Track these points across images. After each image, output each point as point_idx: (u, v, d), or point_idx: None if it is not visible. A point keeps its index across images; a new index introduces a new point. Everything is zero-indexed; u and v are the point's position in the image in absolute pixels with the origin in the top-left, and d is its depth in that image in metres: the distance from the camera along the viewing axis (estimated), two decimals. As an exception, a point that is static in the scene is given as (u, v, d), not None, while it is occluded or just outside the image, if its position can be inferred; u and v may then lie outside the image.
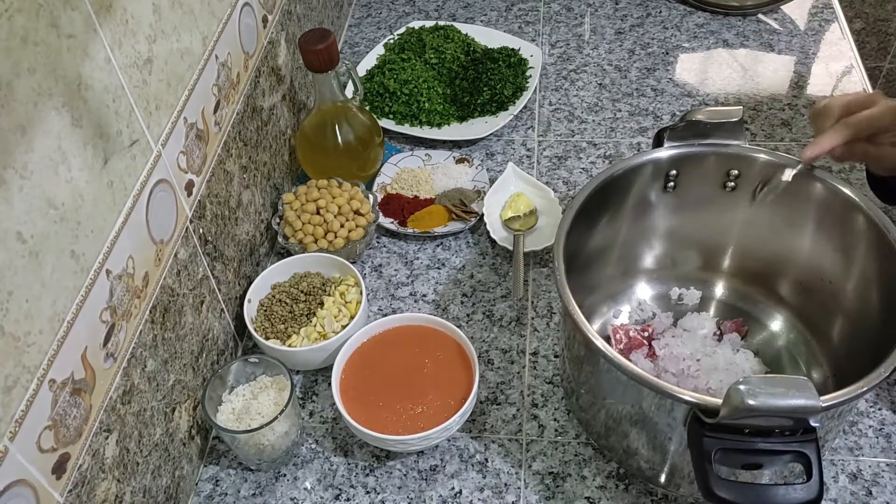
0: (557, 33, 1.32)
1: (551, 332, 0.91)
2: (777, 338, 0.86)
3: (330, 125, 1.01)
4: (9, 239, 0.52)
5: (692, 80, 1.21)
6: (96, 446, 0.62)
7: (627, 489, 0.78)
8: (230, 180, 0.88)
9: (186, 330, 0.78)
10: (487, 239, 1.02)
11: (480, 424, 0.84)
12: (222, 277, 0.87)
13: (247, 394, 0.80)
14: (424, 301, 0.96)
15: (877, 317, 0.73)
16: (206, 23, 0.81)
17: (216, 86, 0.83)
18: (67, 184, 0.58)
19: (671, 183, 0.82)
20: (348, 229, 0.96)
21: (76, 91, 0.59)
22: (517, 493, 0.78)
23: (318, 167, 1.04)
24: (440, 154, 1.11)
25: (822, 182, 0.76)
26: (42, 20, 0.54)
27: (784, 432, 0.60)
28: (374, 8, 1.40)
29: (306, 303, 0.89)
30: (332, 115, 1.01)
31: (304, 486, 0.80)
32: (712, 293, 0.90)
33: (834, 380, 0.79)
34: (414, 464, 0.81)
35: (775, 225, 0.81)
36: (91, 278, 0.61)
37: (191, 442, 0.80)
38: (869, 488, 0.76)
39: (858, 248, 0.75)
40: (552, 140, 1.14)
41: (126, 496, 0.67)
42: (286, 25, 1.06)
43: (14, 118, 0.52)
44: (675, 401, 0.62)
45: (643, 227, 0.85)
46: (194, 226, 0.79)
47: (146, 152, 0.70)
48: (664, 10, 1.34)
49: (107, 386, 0.64)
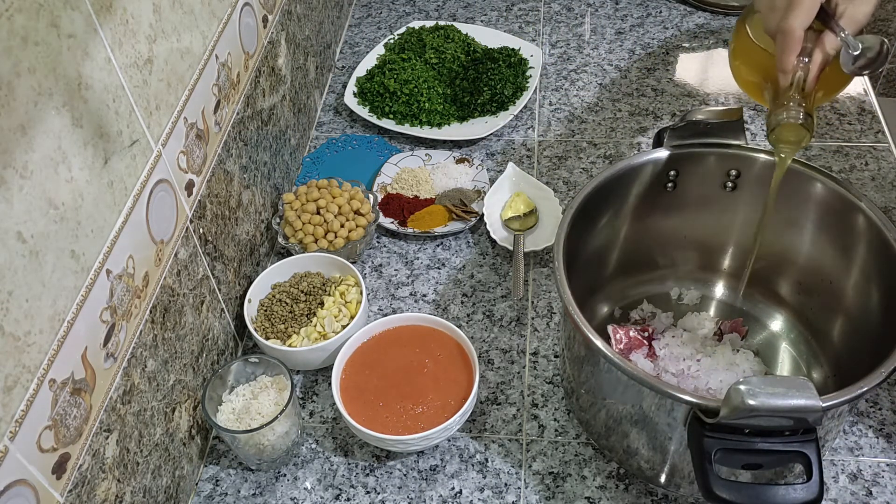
0: (558, 33, 1.32)
1: (551, 332, 0.91)
2: (777, 338, 0.86)
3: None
4: (9, 239, 0.52)
5: (692, 80, 1.21)
6: (96, 446, 0.62)
7: (627, 489, 0.78)
8: (230, 180, 0.88)
9: (186, 330, 0.78)
10: (487, 239, 1.02)
11: (480, 424, 0.84)
12: (222, 277, 0.87)
13: (247, 394, 0.80)
14: (424, 301, 0.96)
15: (877, 317, 0.73)
16: (206, 23, 0.81)
17: (216, 86, 0.83)
18: (67, 183, 0.58)
19: (671, 183, 0.82)
20: (348, 229, 0.96)
21: (76, 91, 0.59)
22: (517, 493, 0.78)
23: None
24: (440, 154, 1.11)
25: (822, 182, 0.76)
26: (42, 20, 0.54)
27: (784, 432, 0.60)
28: (374, 8, 1.40)
29: (306, 303, 0.89)
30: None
31: (305, 486, 0.80)
32: (712, 293, 0.90)
33: (834, 380, 0.79)
34: (414, 464, 0.81)
35: (775, 225, 0.81)
36: (91, 278, 0.61)
37: (191, 442, 0.80)
38: (869, 488, 0.76)
39: (858, 248, 0.75)
40: (552, 140, 1.14)
41: (126, 496, 0.67)
42: (286, 25, 1.06)
43: (14, 118, 0.52)
44: (675, 401, 0.62)
45: (643, 227, 0.85)
46: (194, 226, 0.79)
47: (146, 152, 0.70)
48: (664, 10, 1.34)
49: (107, 386, 0.64)
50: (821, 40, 0.68)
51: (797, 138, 0.70)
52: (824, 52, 0.68)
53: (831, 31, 0.67)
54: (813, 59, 0.68)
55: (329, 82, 1.27)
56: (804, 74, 0.68)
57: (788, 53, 0.68)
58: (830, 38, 0.68)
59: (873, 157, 1.06)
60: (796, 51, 0.68)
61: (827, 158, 1.07)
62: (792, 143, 0.71)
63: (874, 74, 1.96)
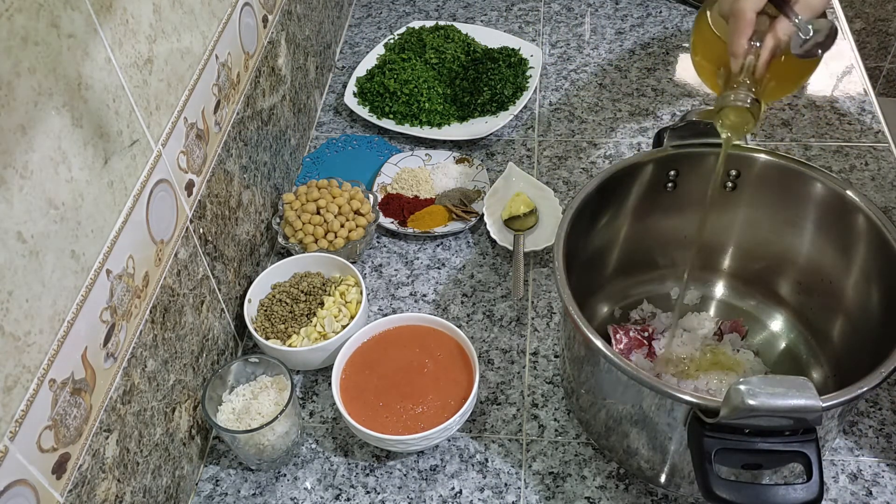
0: (558, 33, 1.32)
1: (551, 332, 0.91)
2: (777, 338, 0.86)
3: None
4: (9, 239, 0.52)
5: (692, 80, 1.21)
6: (96, 446, 0.62)
7: (627, 489, 0.78)
8: (230, 180, 0.88)
9: (186, 330, 0.78)
10: (487, 239, 1.02)
11: (480, 424, 0.84)
12: (222, 277, 0.87)
13: (247, 394, 0.80)
14: (424, 301, 0.96)
15: (877, 317, 0.73)
16: (206, 23, 0.81)
17: (216, 86, 0.83)
18: (68, 183, 0.58)
19: (671, 183, 0.82)
20: (348, 229, 0.96)
21: (76, 91, 0.59)
22: (517, 493, 0.78)
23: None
24: (440, 154, 1.11)
25: (822, 182, 0.76)
26: (42, 20, 0.54)
27: (784, 432, 0.60)
28: (374, 8, 1.40)
29: (306, 303, 0.89)
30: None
31: (305, 486, 0.80)
32: (712, 293, 0.90)
33: (834, 380, 0.79)
34: (414, 464, 0.81)
35: (775, 225, 0.81)
36: (91, 278, 0.61)
37: (191, 442, 0.80)
38: (869, 488, 0.76)
39: (858, 248, 0.75)
40: (552, 140, 1.14)
41: (126, 496, 0.67)
42: (286, 25, 1.06)
43: (14, 118, 0.52)
44: (675, 401, 0.62)
45: (643, 227, 0.85)
46: (194, 226, 0.79)
47: (146, 152, 0.70)
48: (664, 10, 1.34)
49: (107, 386, 0.64)
50: (773, 25, 0.67)
51: (741, 122, 0.68)
52: (776, 37, 0.67)
53: (785, 17, 0.67)
54: (764, 44, 0.67)
55: (329, 82, 1.27)
56: (755, 59, 0.68)
57: (739, 36, 0.67)
58: (784, 24, 0.67)
59: (873, 157, 1.06)
60: (747, 34, 0.67)
61: (827, 158, 1.07)
62: (735, 127, 0.69)
63: (874, 74, 1.97)
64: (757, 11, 0.67)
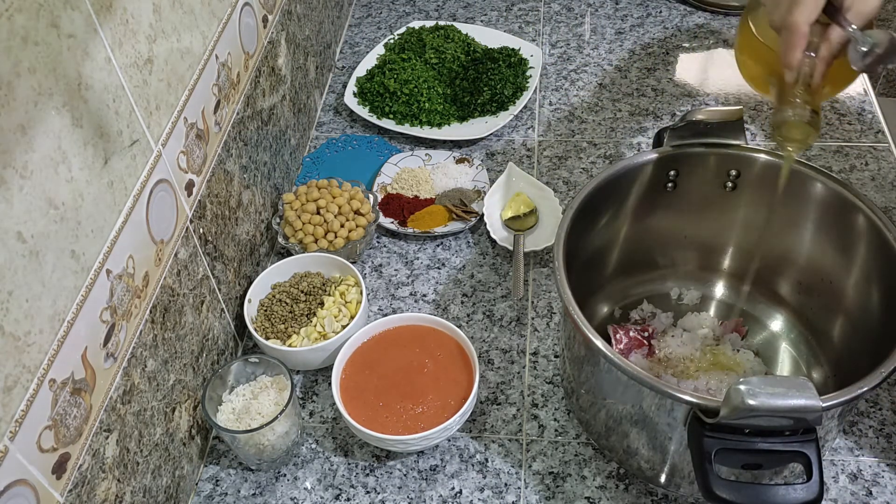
0: (558, 33, 1.32)
1: (551, 332, 0.91)
2: (777, 338, 0.86)
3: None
4: (9, 239, 0.52)
5: (692, 80, 1.21)
6: (96, 446, 0.62)
7: (627, 489, 0.78)
8: (230, 180, 0.88)
9: (186, 330, 0.78)
10: (487, 239, 1.02)
11: (480, 424, 0.84)
12: (222, 277, 0.87)
13: (247, 394, 0.80)
14: (424, 301, 0.96)
15: (877, 317, 0.73)
16: (206, 23, 0.81)
17: (216, 86, 0.83)
18: (68, 183, 0.58)
19: (671, 183, 0.82)
20: (348, 229, 0.96)
21: (76, 91, 0.59)
22: (517, 493, 0.78)
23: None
24: (440, 154, 1.11)
25: (822, 182, 0.76)
26: (42, 20, 0.54)
27: (784, 432, 0.60)
28: (374, 8, 1.40)
29: (306, 303, 0.89)
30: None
31: (305, 486, 0.80)
32: (712, 293, 0.90)
33: (834, 380, 0.79)
34: (414, 464, 0.81)
35: (775, 225, 0.81)
36: (91, 278, 0.61)
37: (191, 442, 0.80)
38: (869, 488, 0.76)
39: (858, 248, 0.75)
40: (552, 140, 1.14)
41: (126, 496, 0.67)
42: (286, 25, 1.06)
43: (14, 118, 0.52)
44: (674, 401, 0.62)
45: (643, 226, 0.85)
46: (194, 226, 0.79)
47: (146, 152, 0.70)
48: (664, 10, 1.34)
49: (107, 386, 0.64)
50: (827, 35, 0.66)
51: (803, 136, 0.68)
52: (831, 48, 0.66)
53: (838, 26, 0.65)
54: (819, 55, 0.66)
55: (329, 82, 1.27)
56: (810, 70, 0.66)
57: (793, 50, 0.65)
58: (837, 32, 0.65)
59: (873, 157, 1.06)
60: (801, 47, 0.65)
61: (827, 158, 1.07)
62: (798, 141, 0.69)
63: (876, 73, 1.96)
64: (810, 24, 0.65)
